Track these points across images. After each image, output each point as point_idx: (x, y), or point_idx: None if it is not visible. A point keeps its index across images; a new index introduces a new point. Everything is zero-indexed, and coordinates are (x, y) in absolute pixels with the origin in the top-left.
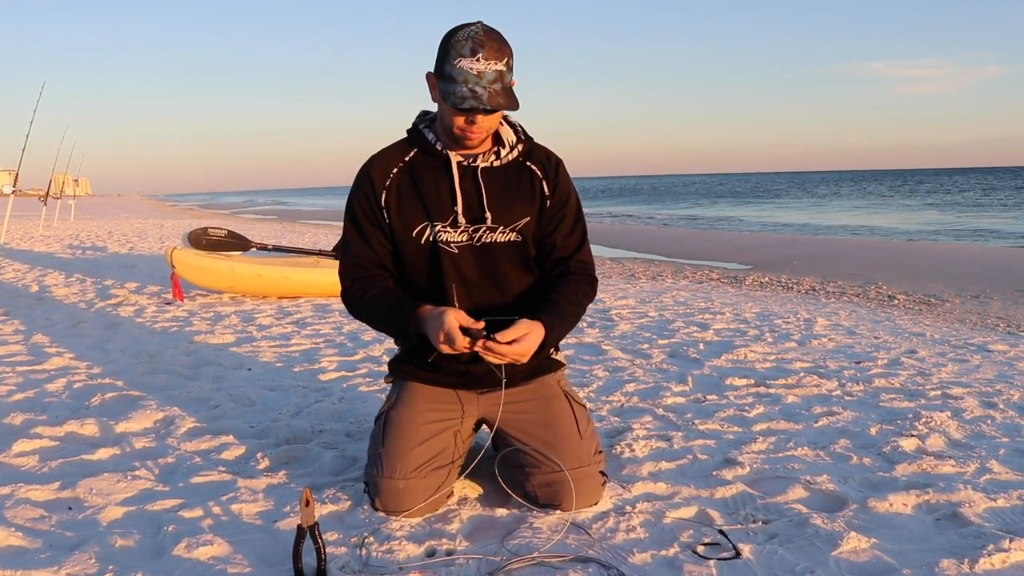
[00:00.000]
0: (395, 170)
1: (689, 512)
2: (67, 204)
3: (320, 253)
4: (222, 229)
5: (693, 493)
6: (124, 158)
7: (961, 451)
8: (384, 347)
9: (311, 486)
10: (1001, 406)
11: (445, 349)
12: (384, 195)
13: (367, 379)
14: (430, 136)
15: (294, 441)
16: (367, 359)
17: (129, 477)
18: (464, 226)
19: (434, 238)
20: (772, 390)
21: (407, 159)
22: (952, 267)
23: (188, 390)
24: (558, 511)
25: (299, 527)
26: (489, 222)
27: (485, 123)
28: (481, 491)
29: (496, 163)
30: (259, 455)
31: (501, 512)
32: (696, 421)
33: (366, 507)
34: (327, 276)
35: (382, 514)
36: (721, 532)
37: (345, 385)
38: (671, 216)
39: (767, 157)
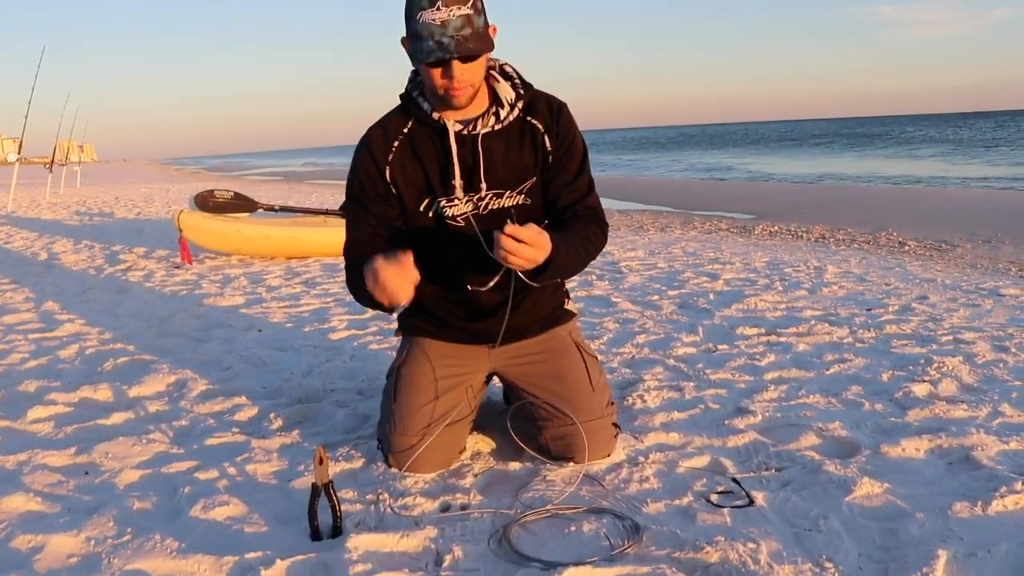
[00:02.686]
0: (396, 143)
1: (702, 461)
2: (72, 171)
3: (327, 212)
4: (228, 191)
5: (706, 442)
6: (128, 123)
7: (973, 395)
8: None
9: (324, 443)
10: (1013, 350)
11: (382, 294)
12: (389, 170)
13: (377, 337)
14: (425, 105)
15: (306, 400)
16: (377, 317)
17: (144, 440)
18: (466, 197)
19: (439, 213)
20: (783, 338)
21: (406, 131)
22: (963, 212)
23: (199, 353)
24: (571, 463)
25: (313, 485)
26: (491, 190)
27: (466, 75)
28: (494, 445)
29: (497, 126)
30: (272, 415)
31: (514, 465)
32: (707, 371)
33: (380, 464)
34: (335, 235)
35: (396, 471)
36: (734, 480)
37: (356, 344)
38: (681, 166)
39: (777, 106)
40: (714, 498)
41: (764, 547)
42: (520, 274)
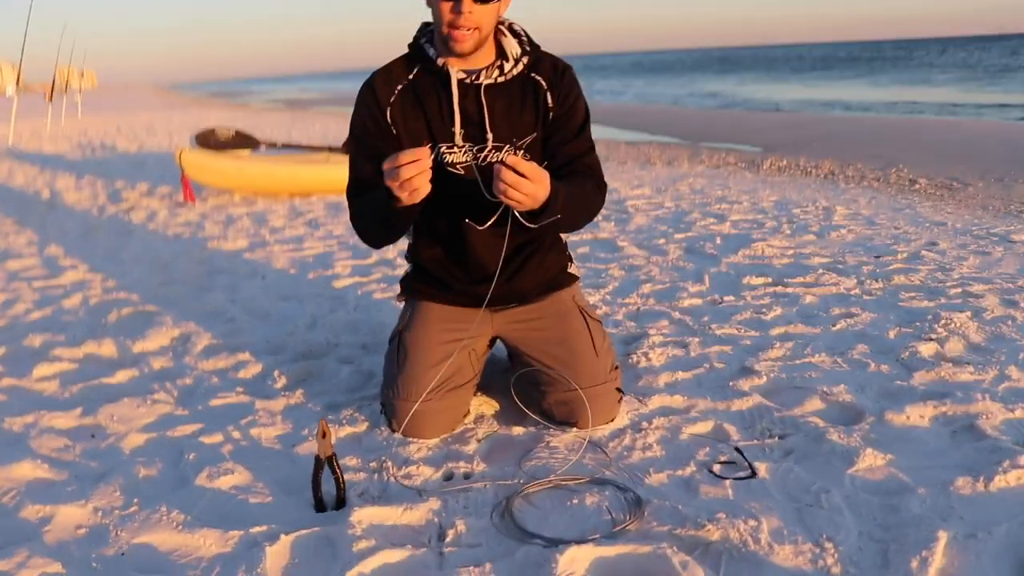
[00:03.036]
0: (399, 87)
1: (706, 427)
2: (73, 102)
3: (330, 149)
4: (230, 129)
5: (710, 406)
6: (128, 49)
7: (980, 355)
8: (398, 248)
9: (328, 404)
10: (1023, 304)
11: (405, 176)
12: (389, 111)
13: (381, 285)
14: (431, 51)
15: (310, 356)
16: (381, 263)
17: (149, 401)
18: (466, 147)
19: (439, 159)
20: (790, 289)
21: (411, 77)
22: (975, 147)
23: (203, 303)
24: (574, 429)
25: (316, 458)
26: (491, 142)
27: (474, 15)
28: (497, 407)
29: (500, 79)
30: (276, 372)
31: (518, 431)
32: (713, 325)
33: (383, 428)
34: (338, 172)
35: (399, 436)
36: (737, 450)
37: (360, 292)
38: (687, 91)
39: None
40: (716, 468)
41: (765, 524)
42: (518, 215)
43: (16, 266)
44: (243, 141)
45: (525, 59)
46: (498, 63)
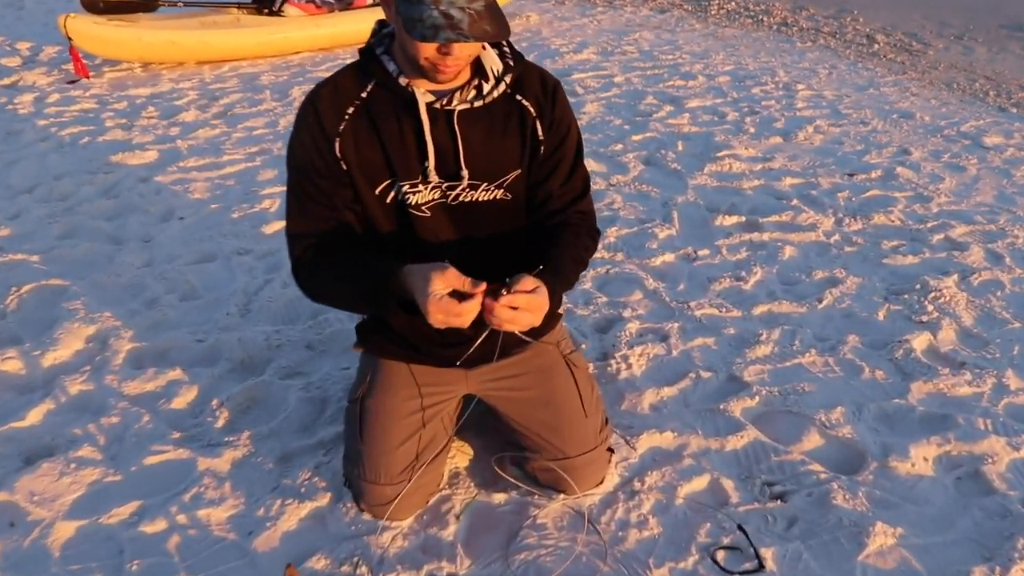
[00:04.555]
0: (350, 110)
1: (701, 483)
2: None
3: (239, 6)
4: None
5: (702, 445)
6: None
7: (974, 350)
8: None
9: (280, 457)
10: (1008, 260)
11: (440, 323)
12: (339, 143)
13: None
14: (391, 67)
15: (249, 366)
16: None
17: (73, 466)
18: (436, 182)
19: (400, 199)
20: (766, 236)
21: (364, 95)
22: None
23: (116, 268)
24: (562, 495)
25: None
26: (467, 180)
27: (464, 52)
28: (471, 454)
29: (478, 103)
30: (214, 402)
31: (499, 498)
32: (692, 303)
33: (348, 504)
34: (251, 37)
35: (367, 517)
36: (741, 529)
37: None
38: None
39: None
40: (720, 557)
41: None
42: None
43: None
44: (137, 1)
45: (508, 77)
46: (475, 82)
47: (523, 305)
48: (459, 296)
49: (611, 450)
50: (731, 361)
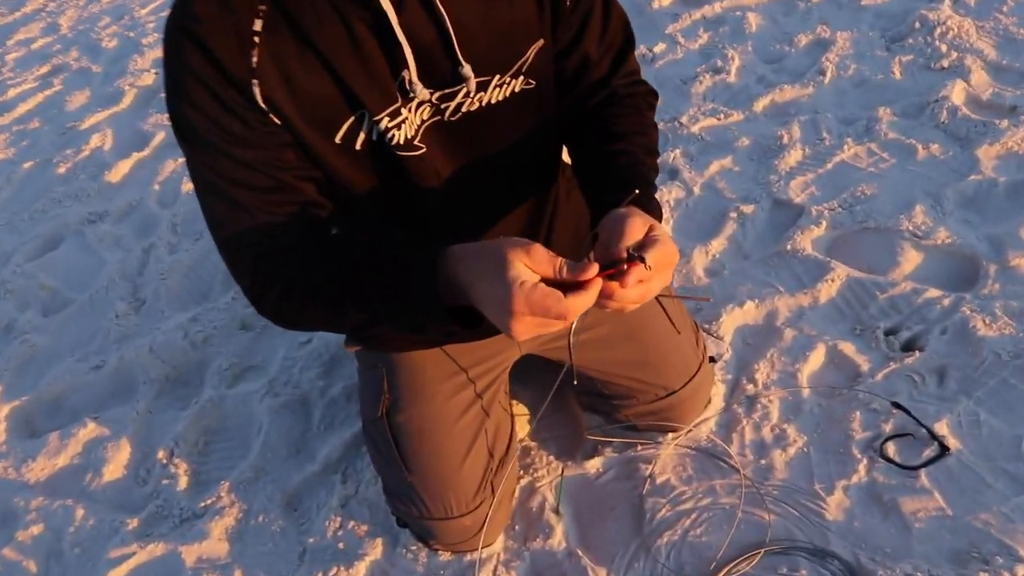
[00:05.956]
0: (257, 25)
1: (818, 358)
2: None
3: None
4: None
5: (792, 305)
6: None
7: (1018, 89)
8: None
9: (285, 504)
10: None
11: (530, 332)
12: (257, 86)
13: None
14: None
15: (182, 382)
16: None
17: None
18: (424, 97)
19: (375, 137)
20: (717, 6)
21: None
22: None
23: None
24: (670, 435)
25: None
26: (473, 78)
27: None
28: (527, 413)
29: None
30: (161, 457)
31: (593, 466)
32: (681, 119)
33: (413, 546)
34: None
35: (445, 555)
36: (898, 406)
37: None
38: None
39: None
40: (893, 454)
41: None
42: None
43: None
44: None
45: None
46: None
47: (657, 267)
48: (558, 286)
49: (713, 359)
50: (765, 181)
